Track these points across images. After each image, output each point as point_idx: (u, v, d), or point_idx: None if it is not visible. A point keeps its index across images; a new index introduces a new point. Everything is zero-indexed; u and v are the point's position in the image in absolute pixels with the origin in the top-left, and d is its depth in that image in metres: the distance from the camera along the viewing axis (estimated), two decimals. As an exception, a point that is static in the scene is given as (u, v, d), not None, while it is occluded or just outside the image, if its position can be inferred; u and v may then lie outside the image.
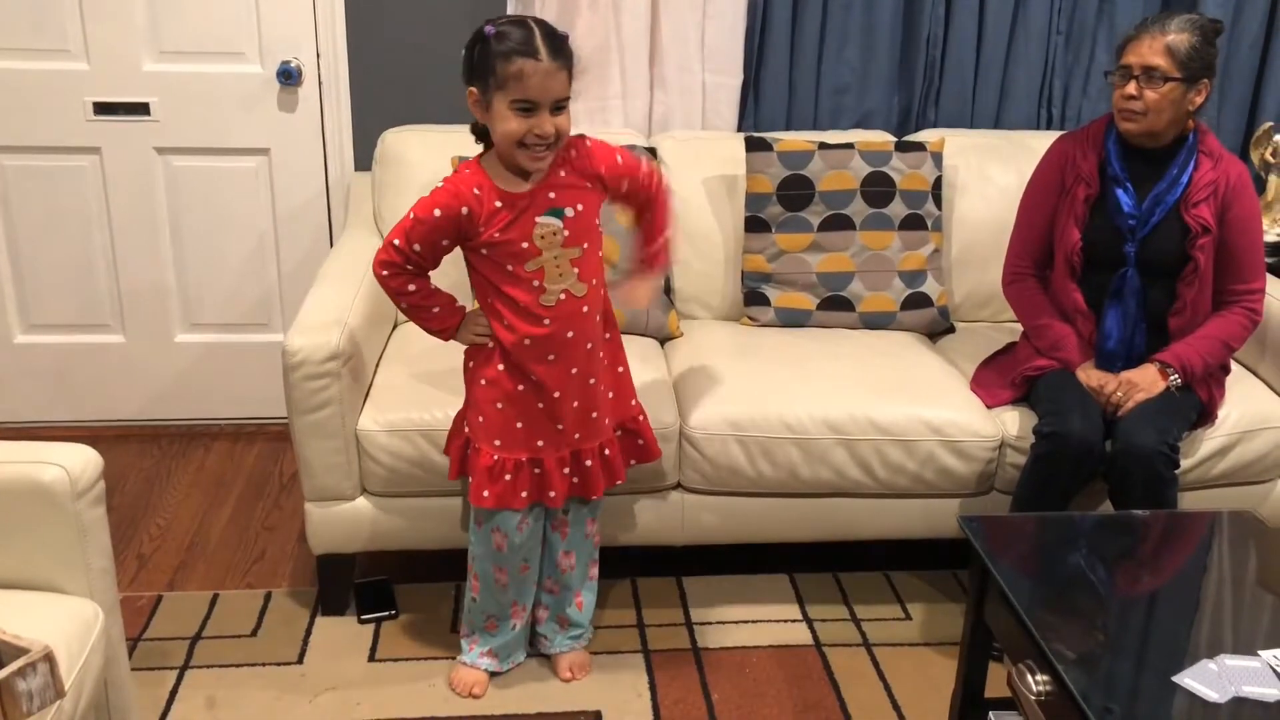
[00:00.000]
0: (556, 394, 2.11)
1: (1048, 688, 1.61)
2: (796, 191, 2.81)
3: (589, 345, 2.13)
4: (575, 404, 2.14)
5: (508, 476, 2.13)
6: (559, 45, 1.93)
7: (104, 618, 1.76)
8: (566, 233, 2.05)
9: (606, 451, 2.21)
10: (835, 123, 3.17)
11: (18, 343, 3.25)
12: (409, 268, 2.08)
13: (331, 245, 3.19)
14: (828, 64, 3.12)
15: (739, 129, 3.15)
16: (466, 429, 2.19)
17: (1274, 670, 1.57)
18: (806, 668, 2.38)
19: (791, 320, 2.85)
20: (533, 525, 2.21)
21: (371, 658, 2.38)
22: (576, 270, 2.07)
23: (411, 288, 2.11)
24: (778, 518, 2.51)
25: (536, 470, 2.15)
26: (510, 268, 2.05)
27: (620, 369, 2.26)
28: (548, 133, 1.94)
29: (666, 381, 2.57)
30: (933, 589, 2.67)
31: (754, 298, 2.87)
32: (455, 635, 2.40)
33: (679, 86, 3.08)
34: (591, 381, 2.15)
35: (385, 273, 2.09)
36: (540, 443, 2.14)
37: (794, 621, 2.54)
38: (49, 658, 1.47)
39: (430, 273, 2.12)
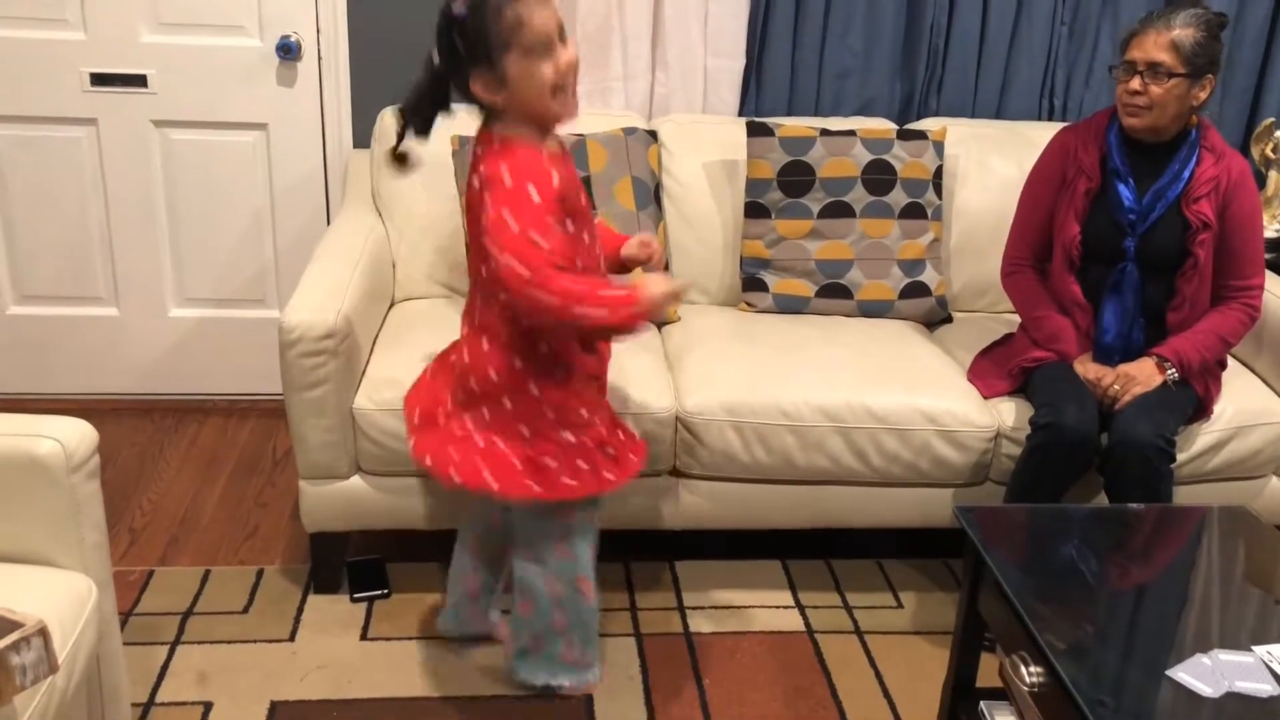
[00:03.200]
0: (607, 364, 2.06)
1: (1040, 679, 1.62)
2: (797, 178, 2.80)
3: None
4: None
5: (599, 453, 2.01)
6: None
7: (97, 592, 1.75)
8: None
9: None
10: (837, 109, 3.16)
11: (10, 314, 3.23)
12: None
13: (329, 222, 3.18)
14: (831, 49, 3.10)
15: (740, 113, 3.14)
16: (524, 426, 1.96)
17: (1267, 666, 1.57)
18: (798, 654, 2.39)
19: (789, 307, 2.84)
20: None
21: (363, 637, 2.38)
22: None
23: (566, 282, 1.81)
24: (772, 504, 2.51)
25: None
26: (573, 229, 1.91)
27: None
28: (575, 58, 1.82)
29: (663, 366, 2.57)
30: (924, 577, 2.68)
31: (752, 283, 2.87)
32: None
33: (681, 69, 3.07)
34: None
35: (535, 277, 1.78)
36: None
37: (786, 608, 2.54)
38: (43, 632, 1.46)
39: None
